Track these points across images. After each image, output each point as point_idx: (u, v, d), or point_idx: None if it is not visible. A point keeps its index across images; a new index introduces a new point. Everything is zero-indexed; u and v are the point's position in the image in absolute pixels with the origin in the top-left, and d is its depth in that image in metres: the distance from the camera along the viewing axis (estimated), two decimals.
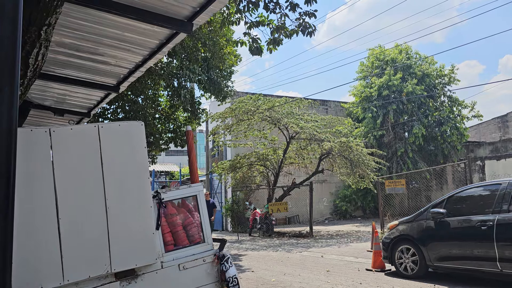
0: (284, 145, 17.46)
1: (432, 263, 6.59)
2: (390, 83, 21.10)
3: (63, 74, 4.70)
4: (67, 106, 6.03)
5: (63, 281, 2.71)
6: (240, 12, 6.84)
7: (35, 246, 2.66)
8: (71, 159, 2.86)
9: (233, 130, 17.27)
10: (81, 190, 2.86)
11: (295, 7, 6.45)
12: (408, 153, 20.62)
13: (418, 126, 20.50)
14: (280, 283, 6.94)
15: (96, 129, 2.98)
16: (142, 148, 3.13)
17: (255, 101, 17.06)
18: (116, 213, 2.93)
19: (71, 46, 3.94)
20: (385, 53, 22.53)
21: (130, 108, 11.32)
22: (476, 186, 6.85)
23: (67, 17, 3.31)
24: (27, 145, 2.71)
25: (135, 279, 3.04)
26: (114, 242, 2.90)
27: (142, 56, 4.25)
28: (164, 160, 41.25)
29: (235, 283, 3.31)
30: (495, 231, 5.62)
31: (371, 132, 21.65)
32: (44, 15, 2.30)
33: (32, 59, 2.38)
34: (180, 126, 12.69)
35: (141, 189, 3.08)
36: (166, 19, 3.43)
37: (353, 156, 15.51)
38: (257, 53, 7.02)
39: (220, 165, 18.55)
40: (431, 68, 21.96)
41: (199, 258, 3.34)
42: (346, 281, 6.89)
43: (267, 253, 11.17)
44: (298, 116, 16.50)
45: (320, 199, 23.14)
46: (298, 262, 9.19)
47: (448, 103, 21.97)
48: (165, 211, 3.37)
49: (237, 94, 20.52)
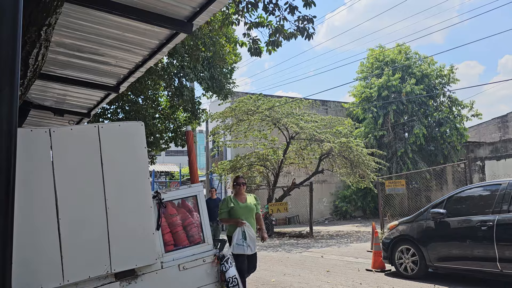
0: (284, 145, 17.46)
1: (432, 263, 6.58)
2: (389, 83, 21.11)
3: (63, 75, 4.70)
4: (67, 106, 6.03)
5: (63, 282, 2.71)
6: (239, 13, 6.84)
7: (35, 247, 2.66)
8: (71, 159, 2.86)
9: (233, 130, 17.26)
10: (81, 190, 2.86)
11: (294, 10, 6.43)
12: (408, 154, 20.62)
13: (419, 126, 20.51)
14: (280, 283, 6.94)
15: (96, 130, 2.98)
16: (142, 148, 3.13)
17: (255, 101, 17.05)
18: (116, 214, 2.93)
19: (71, 47, 3.94)
20: (385, 53, 22.53)
21: (130, 108, 11.32)
22: (476, 186, 6.85)
23: (67, 18, 3.31)
24: (27, 145, 2.71)
25: (135, 279, 3.04)
26: (114, 242, 2.90)
27: (142, 56, 4.25)
28: (164, 160, 41.26)
29: (235, 283, 3.32)
30: (495, 231, 5.61)
31: (371, 133, 21.66)
32: (44, 15, 2.30)
33: (32, 59, 2.38)
34: (180, 126, 12.68)
35: (141, 189, 3.08)
36: (166, 19, 3.43)
37: (353, 157, 15.51)
38: (256, 54, 7.02)
39: (220, 165, 18.54)
40: (430, 68, 21.97)
41: (199, 259, 3.34)
42: (346, 281, 6.89)
43: (267, 253, 11.16)
44: (298, 116, 16.50)
45: (320, 200, 23.13)
46: (298, 262, 9.18)
47: (448, 103, 21.98)
48: (165, 211, 3.37)
49: (237, 94, 20.52)
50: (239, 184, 5.35)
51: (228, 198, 5.27)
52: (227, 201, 5.23)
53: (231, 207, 5.11)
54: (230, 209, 5.11)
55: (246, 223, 4.94)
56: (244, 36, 7.11)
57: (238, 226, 4.94)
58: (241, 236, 4.87)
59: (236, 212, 5.06)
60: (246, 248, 4.87)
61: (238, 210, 5.09)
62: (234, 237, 4.91)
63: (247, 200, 5.24)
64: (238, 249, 4.85)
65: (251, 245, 4.90)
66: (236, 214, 5.05)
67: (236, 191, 5.40)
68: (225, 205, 5.19)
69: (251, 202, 5.27)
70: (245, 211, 5.11)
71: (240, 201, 5.21)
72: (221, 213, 5.24)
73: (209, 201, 10.15)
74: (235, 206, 5.09)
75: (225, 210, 5.16)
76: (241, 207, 5.12)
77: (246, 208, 5.14)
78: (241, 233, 4.89)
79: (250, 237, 4.90)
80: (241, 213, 5.07)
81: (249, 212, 5.15)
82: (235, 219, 5.03)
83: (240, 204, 5.16)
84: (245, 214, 5.10)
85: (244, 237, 4.87)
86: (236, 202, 5.15)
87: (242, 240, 4.85)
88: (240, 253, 4.83)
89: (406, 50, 22.67)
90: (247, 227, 4.93)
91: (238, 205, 5.11)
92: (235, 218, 5.04)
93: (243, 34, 7.08)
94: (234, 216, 5.05)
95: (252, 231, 5.01)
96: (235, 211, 5.07)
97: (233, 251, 4.75)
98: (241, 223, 4.94)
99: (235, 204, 5.12)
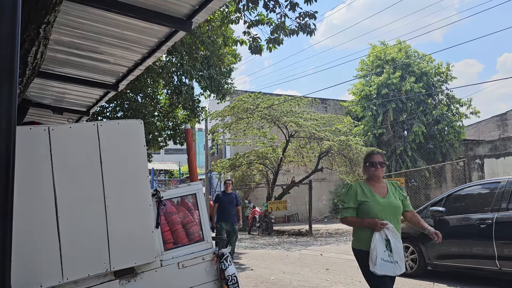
0: (283, 143, 17.47)
1: (431, 261, 6.60)
2: (389, 81, 21.12)
3: (62, 73, 4.69)
4: (66, 104, 6.02)
5: (63, 280, 2.71)
6: (240, 11, 6.83)
7: (34, 245, 2.66)
8: (70, 158, 2.86)
9: (232, 128, 17.27)
10: (80, 188, 2.86)
11: (295, 6, 6.41)
12: (407, 152, 20.64)
13: (418, 124, 20.53)
14: (279, 281, 6.95)
15: (95, 128, 2.97)
16: (141, 147, 3.13)
17: (254, 99, 17.06)
18: (115, 212, 2.93)
19: (70, 45, 3.93)
20: (386, 52, 22.53)
21: (129, 106, 11.32)
22: (475, 184, 6.86)
23: (66, 15, 3.30)
24: (26, 144, 2.71)
25: (134, 278, 3.04)
26: (113, 240, 2.90)
27: (141, 54, 4.24)
28: (164, 159, 41.29)
29: (234, 281, 3.32)
30: (494, 229, 5.62)
31: (371, 131, 21.68)
32: (43, 13, 2.29)
33: (31, 57, 2.38)
34: (179, 124, 12.69)
35: (140, 187, 3.08)
36: (165, 17, 3.43)
37: (352, 155, 15.53)
38: (256, 52, 7.02)
39: (220, 164, 18.56)
40: (429, 66, 21.98)
41: (199, 257, 3.34)
42: (345, 279, 6.90)
43: (267, 251, 11.18)
44: (297, 115, 16.51)
45: (319, 198, 23.15)
46: (297, 260, 9.20)
47: (446, 101, 22.00)
48: (165, 209, 3.37)
49: (236, 92, 20.50)
50: (375, 165, 3.36)
51: (355, 185, 3.40)
52: (355, 190, 3.35)
53: (362, 202, 3.29)
54: (360, 204, 3.30)
55: (388, 224, 3.15)
56: (244, 35, 7.10)
57: (376, 231, 3.14)
58: (384, 246, 3.11)
59: (372, 209, 3.24)
60: (394, 266, 3.12)
61: (374, 207, 3.25)
62: (373, 249, 3.11)
63: (388, 192, 3.36)
64: (385, 268, 3.09)
65: (398, 260, 3.14)
66: (372, 212, 3.23)
67: (370, 174, 3.40)
68: (352, 196, 3.34)
69: (395, 195, 3.38)
70: (386, 209, 3.27)
71: (378, 193, 3.33)
72: (343, 210, 3.39)
73: (223, 196, 8.86)
74: (370, 201, 3.26)
75: (352, 205, 3.32)
76: (381, 204, 3.27)
77: (388, 205, 3.29)
78: (383, 241, 3.13)
79: (396, 247, 3.14)
80: (380, 211, 3.23)
81: (393, 211, 3.29)
82: (371, 220, 3.19)
83: (379, 198, 3.29)
84: (387, 213, 3.25)
85: (389, 248, 3.12)
86: (371, 195, 3.30)
87: (388, 252, 3.11)
88: (385, 274, 3.10)
89: (407, 48, 22.67)
90: (390, 232, 3.15)
91: (374, 199, 3.28)
92: (369, 218, 3.22)
93: (243, 32, 7.07)
94: (368, 215, 3.24)
95: (399, 237, 3.19)
96: (369, 208, 3.25)
97: (374, 269, 3.08)
98: (380, 226, 3.12)
99: (370, 198, 3.28)
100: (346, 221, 3.40)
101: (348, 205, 3.33)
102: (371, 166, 3.36)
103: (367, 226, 3.22)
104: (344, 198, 3.42)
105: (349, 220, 3.36)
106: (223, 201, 8.85)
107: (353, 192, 3.34)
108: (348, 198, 3.35)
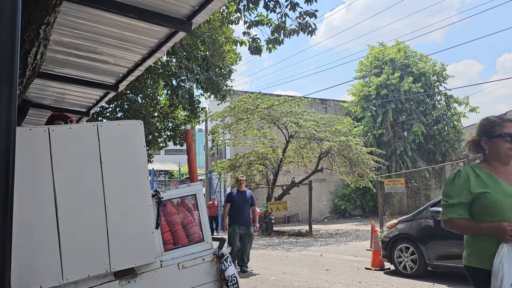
0: (283, 144, 17.47)
1: (431, 262, 6.60)
2: (388, 82, 21.13)
3: (62, 73, 4.69)
4: (66, 105, 6.02)
5: (62, 280, 2.71)
6: (240, 12, 6.83)
7: (34, 245, 2.66)
8: (70, 158, 2.86)
9: (232, 129, 17.28)
10: (80, 189, 2.86)
11: (295, 6, 6.42)
12: (407, 152, 20.66)
13: (418, 124, 20.54)
14: (279, 281, 6.95)
15: (95, 128, 2.97)
16: (141, 147, 3.13)
17: (254, 100, 17.07)
18: (115, 212, 2.93)
19: (70, 45, 3.93)
20: (385, 52, 22.56)
21: (129, 107, 11.32)
22: None
23: (66, 16, 3.30)
24: (26, 144, 2.71)
25: (134, 278, 3.04)
26: (113, 241, 2.90)
27: (141, 55, 4.25)
28: (164, 159, 41.30)
29: (234, 281, 3.31)
30: None
31: (370, 131, 21.69)
32: (43, 13, 2.30)
33: (31, 58, 2.38)
34: (179, 124, 12.69)
35: (140, 188, 3.08)
36: (165, 18, 3.43)
37: (352, 155, 15.53)
38: (256, 52, 7.02)
39: (220, 164, 18.56)
40: (427, 66, 22.00)
41: (199, 257, 3.34)
42: (345, 279, 6.89)
43: (267, 252, 11.17)
44: (297, 115, 16.51)
45: (319, 198, 23.16)
46: (297, 261, 9.19)
47: (445, 101, 22.01)
48: (165, 210, 3.37)
49: (236, 93, 20.51)
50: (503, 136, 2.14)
51: (466, 170, 2.21)
52: (465, 178, 2.17)
53: (480, 195, 2.12)
54: (476, 199, 2.14)
55: None
56: (244, 35, 7.11)
57: (504, 241, 1.99)
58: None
59: (496, 206, 2.09)
60: None
61: (501, 202, 2.08)
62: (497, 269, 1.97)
63: None
64: None
65: None
66: (496, 211, 2.08)
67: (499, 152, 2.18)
68: (462, 187, 2.17)
69: None
70: None
71: (506, 181, 2.14)
72: (447, 209, 2.20)
73: (236, 195, 7.91)
74: (493, 194, 2.10)
75: (462, 200, 2.16)
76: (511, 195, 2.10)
77: None
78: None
79: None
80: (510, 208, 2.06)
81: None
82: (495, 224, 2.05)
83: (507, 188, 2.11)
84: None
85: None
86: (494, 183, 2.13)
87: None
88: None
89: (406, 49, 22.69)
90: None
91: (501, 190, 2.11)
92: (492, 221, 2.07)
93: (243, 33, 7.07)
94: (490, 216, 2.09)
95: None
96: (492, 205, 2.10)
97: None
98: (511, 233, 1.97)
99: (493, 189, 2.11)
100: (452, 225, 2.20)
101: (455, 200, 2.16)
102: (503, 140, 2.12)
103: (488, 233, 2.07)
104: (449, 191, 2.22)
105: (457, 224, 2.17)
106: (235, 200, 7.87)
107: (462, 180, 2.17)
108: (455, 189, 2.18)
